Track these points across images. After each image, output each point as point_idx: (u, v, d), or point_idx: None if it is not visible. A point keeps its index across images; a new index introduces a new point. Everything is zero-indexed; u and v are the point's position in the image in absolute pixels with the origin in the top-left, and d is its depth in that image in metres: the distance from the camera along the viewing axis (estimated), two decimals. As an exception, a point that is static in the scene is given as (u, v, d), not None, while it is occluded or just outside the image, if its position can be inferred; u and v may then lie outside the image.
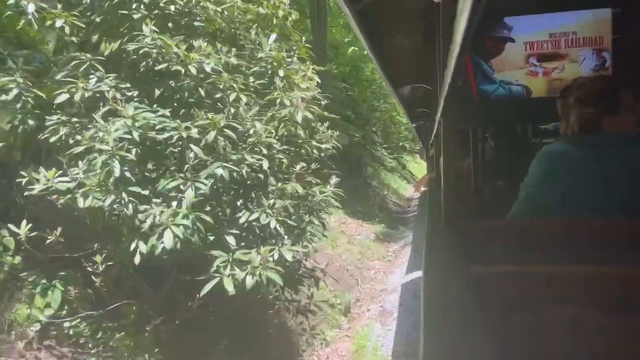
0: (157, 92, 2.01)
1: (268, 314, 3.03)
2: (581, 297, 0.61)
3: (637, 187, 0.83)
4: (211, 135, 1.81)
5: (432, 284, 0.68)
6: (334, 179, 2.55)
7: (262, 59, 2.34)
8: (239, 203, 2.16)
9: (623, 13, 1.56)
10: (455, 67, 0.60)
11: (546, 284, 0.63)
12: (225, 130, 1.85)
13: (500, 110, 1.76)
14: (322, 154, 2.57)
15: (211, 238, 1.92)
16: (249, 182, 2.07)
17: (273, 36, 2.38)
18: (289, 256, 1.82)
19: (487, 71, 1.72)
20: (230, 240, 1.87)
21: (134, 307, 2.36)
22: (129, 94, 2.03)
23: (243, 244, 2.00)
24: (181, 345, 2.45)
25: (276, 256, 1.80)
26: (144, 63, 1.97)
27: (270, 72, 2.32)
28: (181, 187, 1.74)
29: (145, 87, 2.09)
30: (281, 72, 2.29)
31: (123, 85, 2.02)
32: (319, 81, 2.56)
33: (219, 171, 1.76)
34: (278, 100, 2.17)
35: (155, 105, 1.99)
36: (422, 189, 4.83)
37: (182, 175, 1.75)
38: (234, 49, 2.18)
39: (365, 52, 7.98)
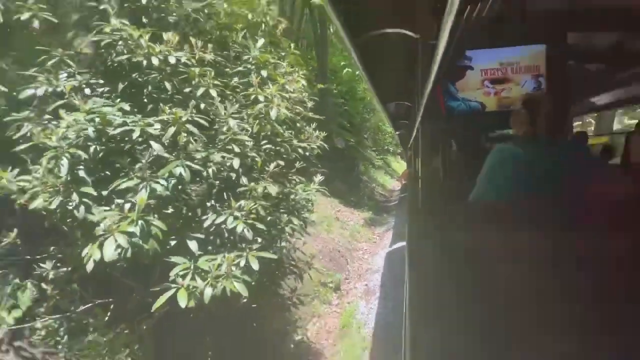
0: (121, 86, 1.88)
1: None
2: (523, 257, 0.82)
3: (557, 176, 1.10)
4: (170, 131, 1.64)
5: (413, 247, 0.89)
6: (318, 177, 2.65)
7: (247, 61, 2.32)
8: (208, 204, 1.98)
9: (551, 48, 2.12)
10: (431, 89, 0.79)
11: (493, 246, 0.85)
12: (187, 125, 1.70)
13: (462, 121, 2.25)
14: (308, 153, 2.53)
15: (173, 243, 1.74)
16: (218, 182, 1.94)
17: (261, 41, 2.37)
18: (255, 265, 1.64)
19: (452, 92, 2.24)
20: (193, 245, 1.69)
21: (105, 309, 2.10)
22: (100, 89, 1.90)
23: (210, 248, 1.84)
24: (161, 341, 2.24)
25: (242, 263, 1.65)
26: (113, 56, 1.85)
27: (252, 72, 2.27)
28: (138, 187, 1.56)
29: (115, 82, 1.95)
30: (264, 72, 2.24)
31: (94, 81, 1.89)
32: (304, 84, 2.57)
33: (178, 170, 1.59)
34: (252, 97, 2.10)
35: (118, 100, 1.84)
36: (403, 181, 8.49)
37: (137, 174, 1.58)
38: (210, 45, 2.10)
39: (357, 73, 10.25)
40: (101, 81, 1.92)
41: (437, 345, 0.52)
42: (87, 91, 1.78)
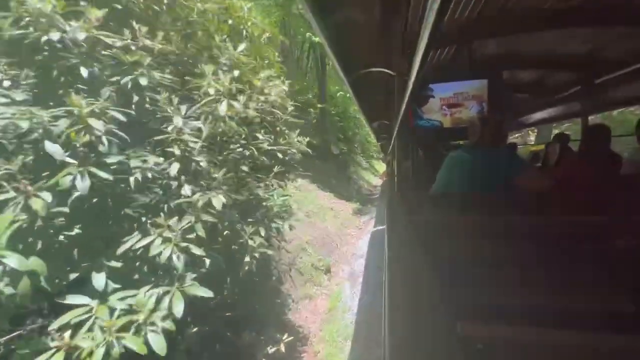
0: (27, 73, 1.45)
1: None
2: (471, 231, 1.14)
3: (495, 176, 1.50)
4: (61, 125, 1.19)
5: (392, 227, 1.16)
6: (299, 182, 2.59)
7: (221, 62, 2.13)
8: (136, 223, 1.52)
9: (491, 82, 2.89)
10: (404, 112, 1.25)
11: (450, 227, 1.15)
12: (92, 119, 1.22)
13: (426, 135, 2.97)
14: (288, 157, 2.38)
15: (73, 276, 1.26)
16: (148, 193, 1.53)
17: (242, 45, 2.24)
18: (178, 306, 1.19)
19: (419, 113, 2.77)
20: (98, 280, 1.22)
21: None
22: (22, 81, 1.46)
23: (136, 278, 1.38)
24: None
25: (166, 304, 1.21)
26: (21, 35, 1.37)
27: (224, 72, 1.97)
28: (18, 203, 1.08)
29: (22, 67, 1.49)
30: (236, 72, 2.01)
31: (14, 72, 1.46)
32: (286, 89, 2.44)
33: (66, 180, 1.13)
34: (202, 90, 1.75)
35: (15, 89, 1.42)
36: (384, 178, 13.64)
37: (17, 185, 1.09)
38: (161, 33, 1.76)
39: (348, 95, 13.21)
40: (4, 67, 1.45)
41: (411, 305, 0.56)
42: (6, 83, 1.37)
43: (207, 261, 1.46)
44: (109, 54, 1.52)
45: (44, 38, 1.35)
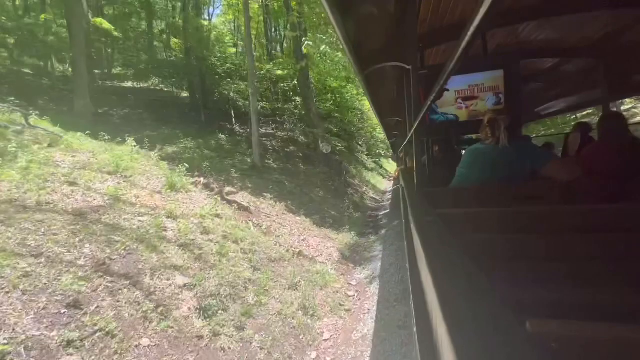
0: None
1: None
2: (493, 226, 1.21)
3: (519, 168, 1.54)
4: None
5: (414, 221, 1.14)
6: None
7: None
8: None
9: (507, 72, 2.74)
10: (427, 107, 1.15)
11: (469, 219, 1.19)
12: None
13: (441, 129, 2.90)
14: None
15: None
16: None
17: None
18: None
19: (434, 108, 2.73)
20: None
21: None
22: None
23: None
24: None
25: None
26: None
27: None
28: None
29: None
30: None
31: None
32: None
33: None
34: None
35: None
36: (395, 176, 12.44)
37: None
38: None
39: (344, 73, 11.60)
40: None
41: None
42: None
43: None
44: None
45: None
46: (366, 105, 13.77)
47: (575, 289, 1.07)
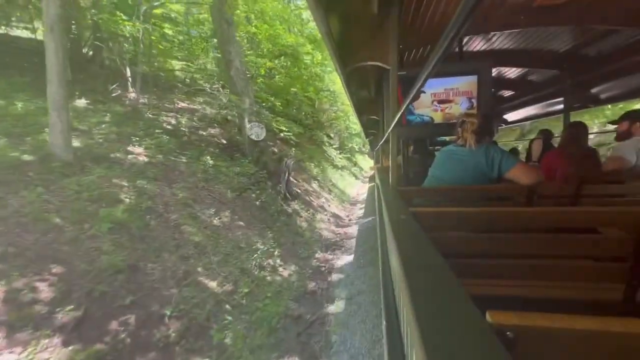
0: None
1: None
2: (463, 225, 1.22)
3: (487, 170, 1.60)
4: None
5: (389, 218, 1.21)
6: None
7: None
8: None
9: (480, 78, 2.86)
10: (405, 107, 1.14)
11: (441, 218, 1.18)
12: None
13: (417, 130, 2.98)
14: None
15: None
16: None
17: None
18: None
19: (411, 109, 2.78)
20: None
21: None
22: None
23: None
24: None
25: None
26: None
27: None
28: None
29: None
30: None
31: None
32: None
33: None
34: None
35: None
36: (373, 171, 10.20)
37: None
38: None
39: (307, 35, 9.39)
40: None
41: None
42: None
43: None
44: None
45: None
46: (338, 83, 10.11)
47: (534, 283, 1.16)
